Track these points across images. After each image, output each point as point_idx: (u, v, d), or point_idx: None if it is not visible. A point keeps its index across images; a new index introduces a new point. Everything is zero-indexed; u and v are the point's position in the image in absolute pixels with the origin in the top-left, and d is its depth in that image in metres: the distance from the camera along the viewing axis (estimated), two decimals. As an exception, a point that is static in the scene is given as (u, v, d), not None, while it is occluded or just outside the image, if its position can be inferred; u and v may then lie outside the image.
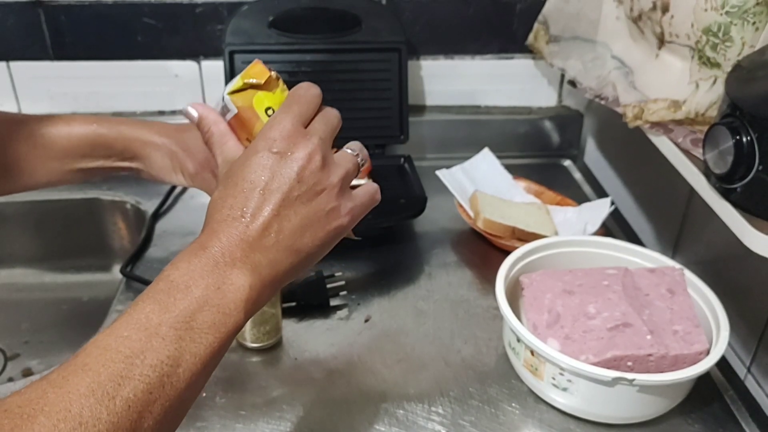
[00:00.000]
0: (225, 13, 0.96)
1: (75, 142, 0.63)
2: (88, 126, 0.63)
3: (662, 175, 0.79)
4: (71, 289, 0.95)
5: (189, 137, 0.64)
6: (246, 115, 0.49)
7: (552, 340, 0.63)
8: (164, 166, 0.65)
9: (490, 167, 0.98)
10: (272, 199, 0.42)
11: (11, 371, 0.83)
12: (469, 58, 1.05)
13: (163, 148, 0.64)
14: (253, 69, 0.49)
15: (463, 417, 0.63)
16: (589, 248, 0.76)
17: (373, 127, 0.97)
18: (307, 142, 0.44)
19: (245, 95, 0.49)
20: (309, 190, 0.43)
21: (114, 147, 0.64)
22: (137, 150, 0.64)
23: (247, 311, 0.41)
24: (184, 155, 0.64)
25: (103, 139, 0.63)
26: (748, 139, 0.53)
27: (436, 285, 0.81)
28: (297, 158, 0.43)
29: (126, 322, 0.38)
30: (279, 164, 0.43)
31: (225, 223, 0.42)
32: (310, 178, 0.43)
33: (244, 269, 0.41)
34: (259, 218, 0.42)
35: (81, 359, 0.35)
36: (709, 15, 0.64)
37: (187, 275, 0.40)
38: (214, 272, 0.40)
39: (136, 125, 0.65)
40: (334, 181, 0.45)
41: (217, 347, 0.39)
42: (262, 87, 0.49)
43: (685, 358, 0.61)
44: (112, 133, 0.64)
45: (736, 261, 0.74)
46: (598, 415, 0.63)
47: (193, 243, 0.42)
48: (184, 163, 0.64)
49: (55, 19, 0.95)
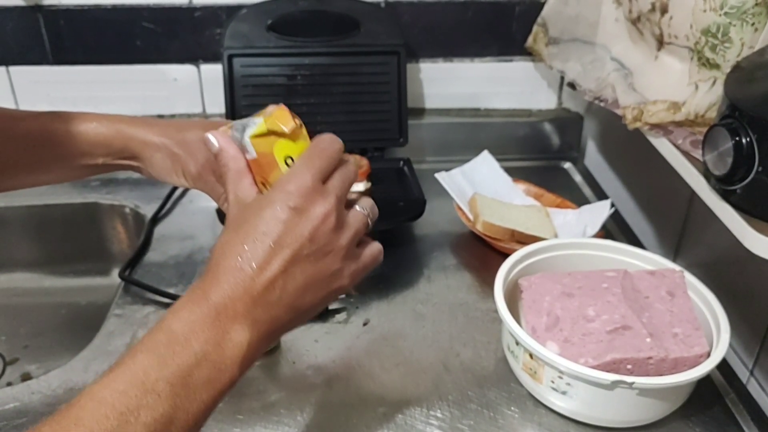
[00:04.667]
0: (224, 17, 0.97)
1: (74, 139, 0.62)
2: (87, 124, 0.62)
3: (663, 177, 0.79)
4: (70, 293, 0.95)
5: (190, 137, 0.62)
6: (265, 161, 0.47)
7: (551, 343, 0.63)
8: (164, 167, 0.64)
9: (490, 170, 0.97)
10: (282, 255, 0.42)
11: (10, 376, 0.83)
12: (468, 61, 1.05)
13: (163, 149, 0.63)
14: (278, 115, 0.47)
15: (461, 421, 0.63)
16: (588, 251, 0.75)
17: (372, 130, 0.97)
18: (324, 201, 0.43)
19: (267, 141, 0.47)
20: (319, 250, 0.43)
21: (113, 146, 0.63)
22: (136, 149, 0.63)
23: (243, 367, 0.41)
24: (186, 157, 0.62)
25: (102, 137, 0.62)
26: (748, 140, 0.53)
27: (434, 288, 0.81)
28: (312, 217, 0.43)
29: (123, 374, 0.37)
30: (294, 220, 0.42)
31: (231, 272, 0.41)
32: (322, 238, 0.43)
33: (245, 324, 0.41)
34: (266, 273, 0.42)
35: (75, 412, 0.35)
36: (708, 16, 0.63)
37: (187, 326, 0.39)
38: (215, 325, 0.40)
39: (136, 124, 0.64)
40: (343, 244, 0.45)
41: (210, 404, 0.39)
42: (286, 135, 0.47)
43: (685, 361, 0.61)
44: (111, 132, 0.62)
45: (738, 263, 0.74)
46: (597, 418, 0.62)
47: (196, 287, 0.42)
48: (186, 165, 0.63)
49: (55, 23, 0.95)
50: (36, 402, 0.64)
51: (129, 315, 0.75)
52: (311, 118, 0.95)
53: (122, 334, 0.72)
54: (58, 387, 0.66)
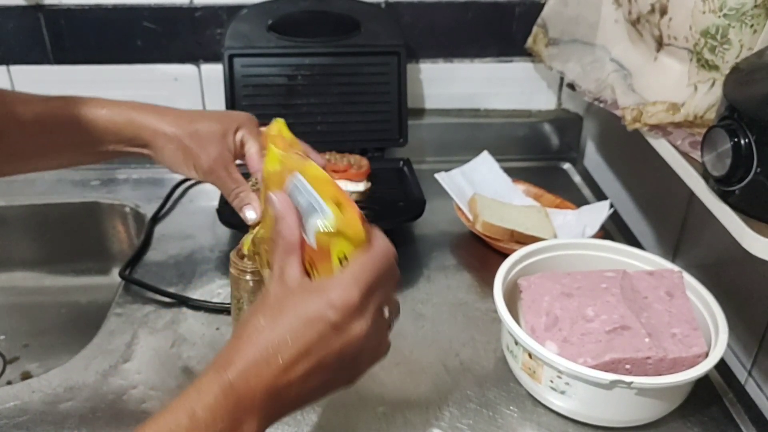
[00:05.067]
0: (224, 17, 0.97)
1: (84, 126, 0.61)
2: (97, 110, 0.61)
3: (662, 177, 0.79)
4: (70, 292, 0.96)
5: (203, 129, 0.61)
6: (320, 251, 0.46)
7: (550, 343, 0.63)
8: (175, 159, 0.62)
9: (490, 170, 0.98)
10: (308, 361, 0.43)
11: (10, 374, 0.84)
12: (468, 62, 1.05)
13: (175, 141, 0.61)
14: (349, 221, 0.45)
15: (461, 420, 0.63)
16: (587, 251, 0.75)
17: (372, 131, 0.98)
18: (362, 321, 0.44)
19: (328, 238, 0.45)
20: (341, 365, 0.44)
21: (123, 134, 0.62)
22: (147, 138, 0.62)
23: None
24: (198, 149, 0.61)
25: (112, 125, 0.61)
26: (746, 141, 0.53)
27: (434, 288, 0.81)
28: (347, 336, 0.43)
29: None
30: (329, 334, 0.43)
31: (256, 363, 0.42)
32: (348, 355, 0.44)
33: (259, 417, 0.42)
34: (290, 374, 0.43)
35: None
36: (707, 17, 0.64)
37: (209, 414, 0.40)
38: (233, 416, 0.41)
39: (148, 112, 0.62)
40: (361, 359, 0.46)
41: None
42: (349, 240, 0.46)
43: (684, 361, 0.61)
44: (122, 120, 0.61)
45: (737, 264, 0.74)
46: (596, 418, 0.63)
47: (222, 365, 0.42)
48: (197, 159, 0.62)
49: (55, 23, 0.96)
50: (36, 401, 0.64)
51: (129, 314, 0.75)
52: (311, 118, 0.95)
53: (122, 333, 0.73)
54: (58, 386, 0.66)
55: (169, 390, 0.66)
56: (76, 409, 0.63)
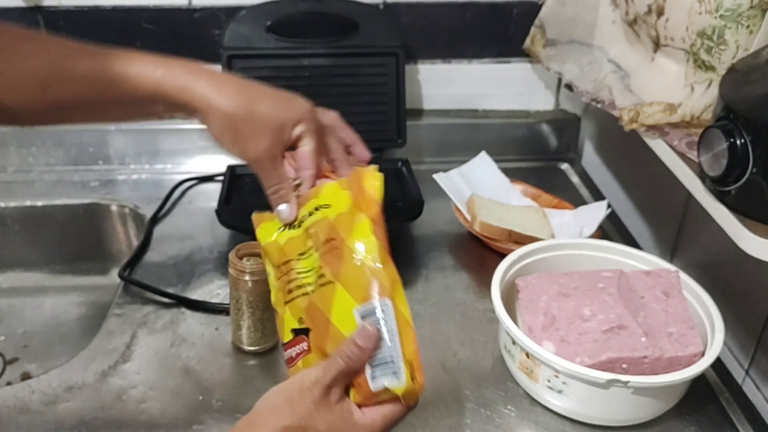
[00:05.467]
0: (223, 18, 0.97)
1: (135, 87, 0.56)
2: (152, 71, 0.57)
3: (659, 178, 0.80)
4: (70, 292, 0.96)
5: (261, 114, 0.57)
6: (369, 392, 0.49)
7: (547, 343, 0.63)
8: (223, 138, 0.57)
9: (488, 171, 0.98)
10: None
11: (10, 375, 0.84)
12: (466, 62, 1.05)
13: (226, 119, 0.56)
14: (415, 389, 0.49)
15: (459, 420, 0.63)
16: (585, 251, 0.76)
17: (370, 131, 0.96)
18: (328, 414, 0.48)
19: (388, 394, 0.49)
20: None
21: (176, 99, 0.57)
22: (201, 109, 0.57)
23: None
24: (249, 136, 0.56)
25: (165, 89, 0.57)
26: (742, 141, 0.53)
27: (432, 288, 0.81)
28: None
29: None
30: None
31: None
32: None
33: None
34: None
35: None
36: (703, 18, 0.64)
37: None
38: None
39: (205, 80, 0.57)
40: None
41: None
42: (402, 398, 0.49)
43: (680, 360, 0.61)
44: (176, 85, 0.57)
45: (734, 264, 0.74)
46: (593, 417, 0.63)
47: None
48: (245, 144, 0.57)
49: (55, 24, 0.96)
50: (36, 401, 0.64)
51: (129, 314, 0.76)
52: (310, 118, 0.96)
53: (122, 333, 0.73)
54: (57, 386, 0.66)
55: (168, 390, 0.66)
56: (76, 409, 0.64)
